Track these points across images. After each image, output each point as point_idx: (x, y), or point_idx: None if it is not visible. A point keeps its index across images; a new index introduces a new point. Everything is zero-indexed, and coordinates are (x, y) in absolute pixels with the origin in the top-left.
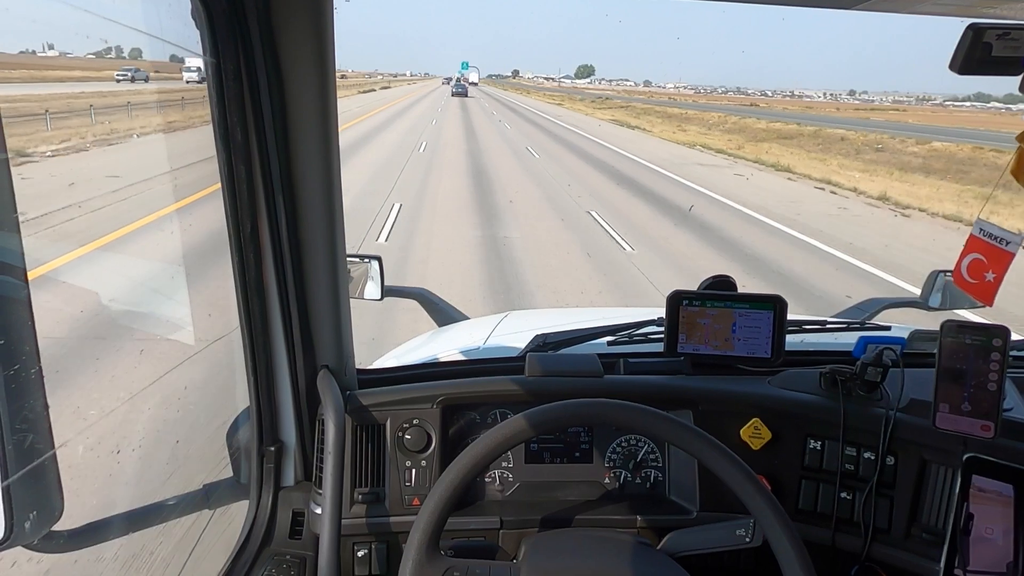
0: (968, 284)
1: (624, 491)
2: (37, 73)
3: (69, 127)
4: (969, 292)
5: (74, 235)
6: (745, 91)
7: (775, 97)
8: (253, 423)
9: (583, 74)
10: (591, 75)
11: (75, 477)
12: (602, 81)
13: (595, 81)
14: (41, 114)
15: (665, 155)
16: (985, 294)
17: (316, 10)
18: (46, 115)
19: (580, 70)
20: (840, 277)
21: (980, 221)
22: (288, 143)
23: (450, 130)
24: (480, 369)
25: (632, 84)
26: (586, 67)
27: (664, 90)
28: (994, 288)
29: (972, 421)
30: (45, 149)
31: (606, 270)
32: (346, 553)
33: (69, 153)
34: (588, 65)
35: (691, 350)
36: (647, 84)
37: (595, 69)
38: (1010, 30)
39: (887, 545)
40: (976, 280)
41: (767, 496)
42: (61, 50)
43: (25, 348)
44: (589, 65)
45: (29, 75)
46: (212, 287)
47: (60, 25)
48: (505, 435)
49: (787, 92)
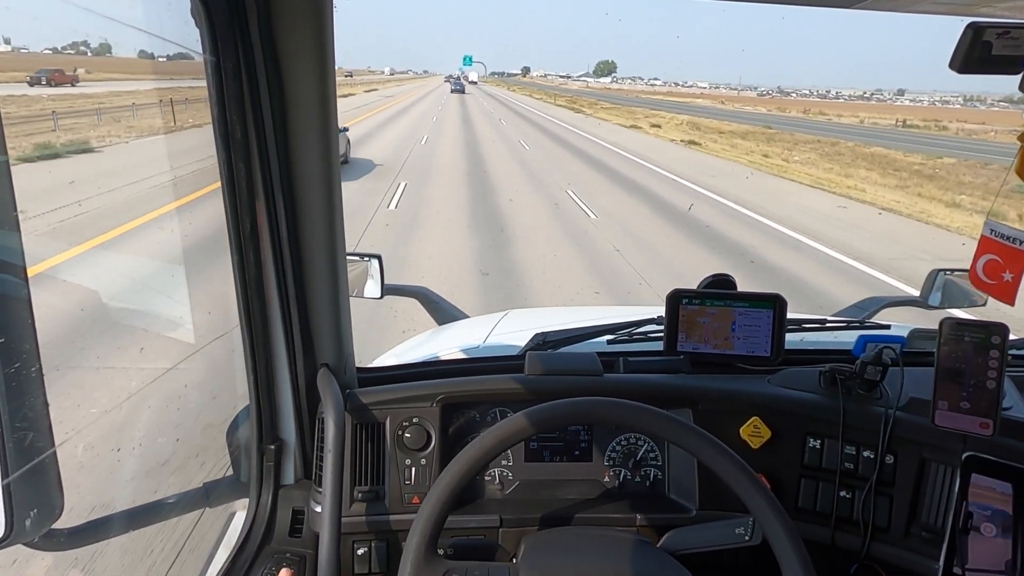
0: (986, 284)
1: (624, 489)
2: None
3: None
4: (988, 292)
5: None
6: (787, 92)
7: (811, 98)
8: (253, 421)
9: (602, 71)
10: (612, 72)
11: (75, 475)
12: (624, 79)
13: (617, 79)
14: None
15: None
16: (1005, 294)
17: (316, 8)
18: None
19: (599, 67)
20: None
21: (990, 221)
22: (288, 142)
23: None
24: (480, 368)
25: (660, 83)
26: (606, 64)
27: (694, 90)
28: (1014, 287)
29: (971, 419)
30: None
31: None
32: (346, 551)
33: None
34: (609, 61)
35: (691, 349)
36: (677, 84)
37: (616, 66)
38: (1010, 29)
39: (886, 543)
40: (994, 280)
41: (766, 495)
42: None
43: (25, 346)
44: (610, 61)
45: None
46: (211, 286)
47: (60, 23)
48: (504, 434)
49: (821, 92)
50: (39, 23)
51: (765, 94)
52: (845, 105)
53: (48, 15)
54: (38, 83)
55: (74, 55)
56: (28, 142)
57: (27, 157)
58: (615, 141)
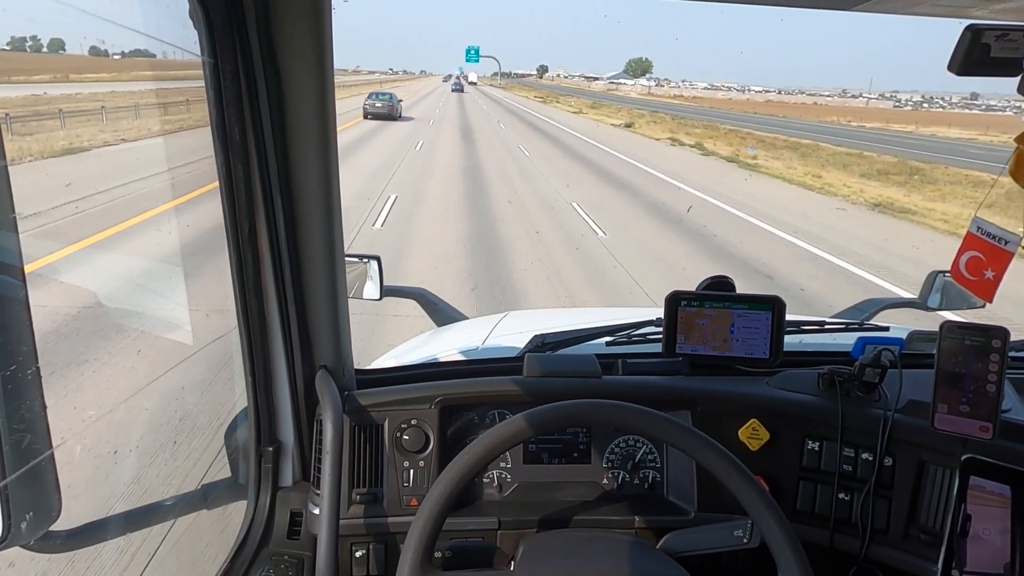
0: (967, 280)
1: (622, 492)
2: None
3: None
4: (968, 288)
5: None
6: (820, 92)
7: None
8: (251, 423)
9: (635, 70)
10: (647, 73)
11: (73, 478)
12: (660, 82)
13: (652, 81)
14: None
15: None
16: (984, 291)
17: (315, 10)
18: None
19: (631, 66)
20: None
21: (978, 219)
22: (286, 143)
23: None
24: (478, 369)
25: (705, 86)
26: (640, 62)
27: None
28: (994, 286)
29: (970, 422)
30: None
31: None
32: (344, 553)
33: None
34: (643, 59)
35: (689, 351)
36: (740, 89)
37: (652, 65)
38: (1008, 31)
39: (885, 546)
40: (975, 277)
41: (765, 497)
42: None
43: (23, 348)
44: (644, 59)
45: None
46: (211, 286)
47: (59, 25)
48: (503, 436)
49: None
50: (36, 25)
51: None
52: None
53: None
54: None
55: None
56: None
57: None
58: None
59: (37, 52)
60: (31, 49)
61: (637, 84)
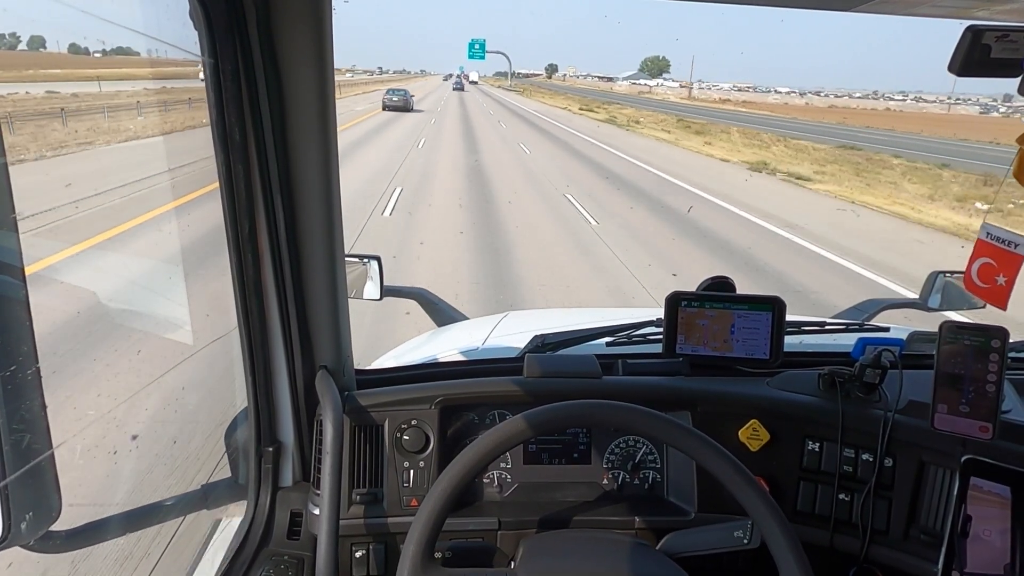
0: (980, 288)
1: (622, 492)
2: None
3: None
4: (981, 296)
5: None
6: (877, 95)
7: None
8: (251, 423)
9: (651, 69)
10: (663, 72)
11: (72, 477)
12: (701, 84)
13: (696, 81)
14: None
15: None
16: (998, 298)
17: (315, 10)
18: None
19: (647, 64)
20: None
21: (987, 225)
22: (287, 143)
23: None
24: (479, 370)
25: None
26: (656, 60)
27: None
28: (1007, 291)
29: (970, 423)
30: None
31: None
32: (344, 554)
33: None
34: (660, 57)
35: (690, 351)
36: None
37: (670, 64)
38: (1009, 32)
39: (885, 547)
40: (987, 284)
41: (765, 498)
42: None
43: (23, 348)
44: (661, 57)
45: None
46: (210, 287)
47: (58, 25)
48: (503, 436)
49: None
50: (36, 26)
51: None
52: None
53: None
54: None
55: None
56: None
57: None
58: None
59: (37, 52)
60: (31, 49)
61: (662, 85)
